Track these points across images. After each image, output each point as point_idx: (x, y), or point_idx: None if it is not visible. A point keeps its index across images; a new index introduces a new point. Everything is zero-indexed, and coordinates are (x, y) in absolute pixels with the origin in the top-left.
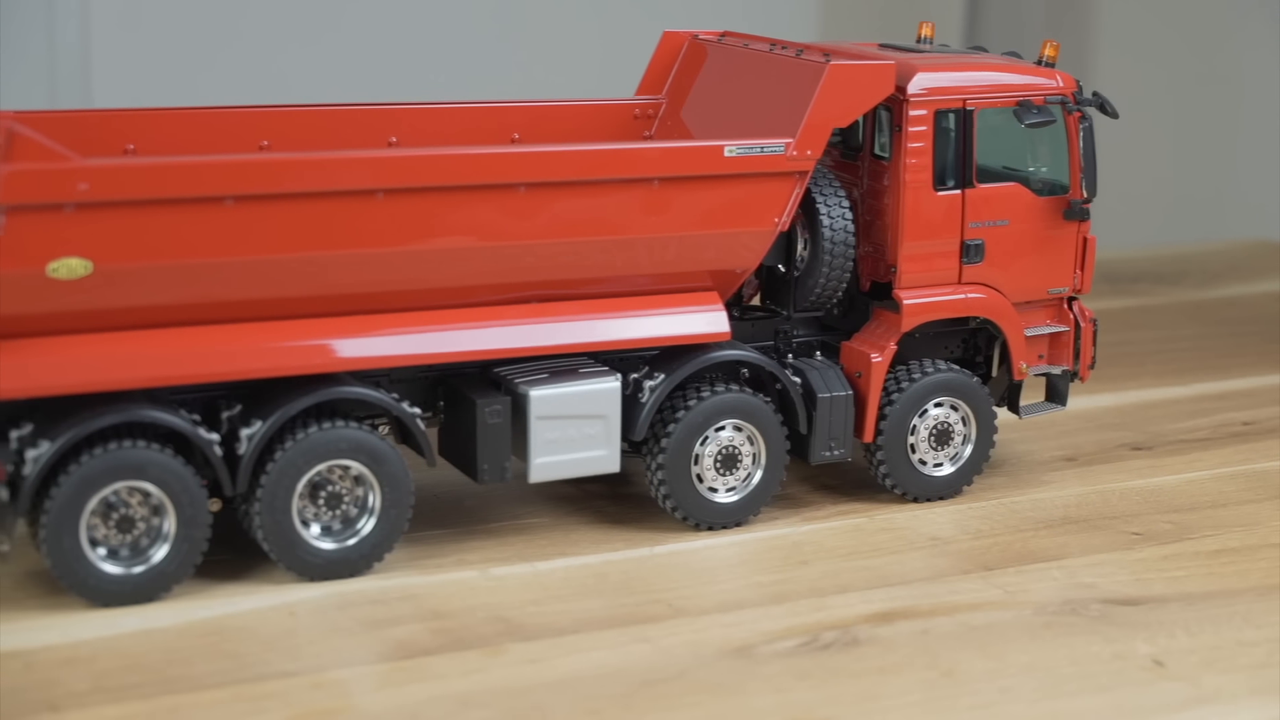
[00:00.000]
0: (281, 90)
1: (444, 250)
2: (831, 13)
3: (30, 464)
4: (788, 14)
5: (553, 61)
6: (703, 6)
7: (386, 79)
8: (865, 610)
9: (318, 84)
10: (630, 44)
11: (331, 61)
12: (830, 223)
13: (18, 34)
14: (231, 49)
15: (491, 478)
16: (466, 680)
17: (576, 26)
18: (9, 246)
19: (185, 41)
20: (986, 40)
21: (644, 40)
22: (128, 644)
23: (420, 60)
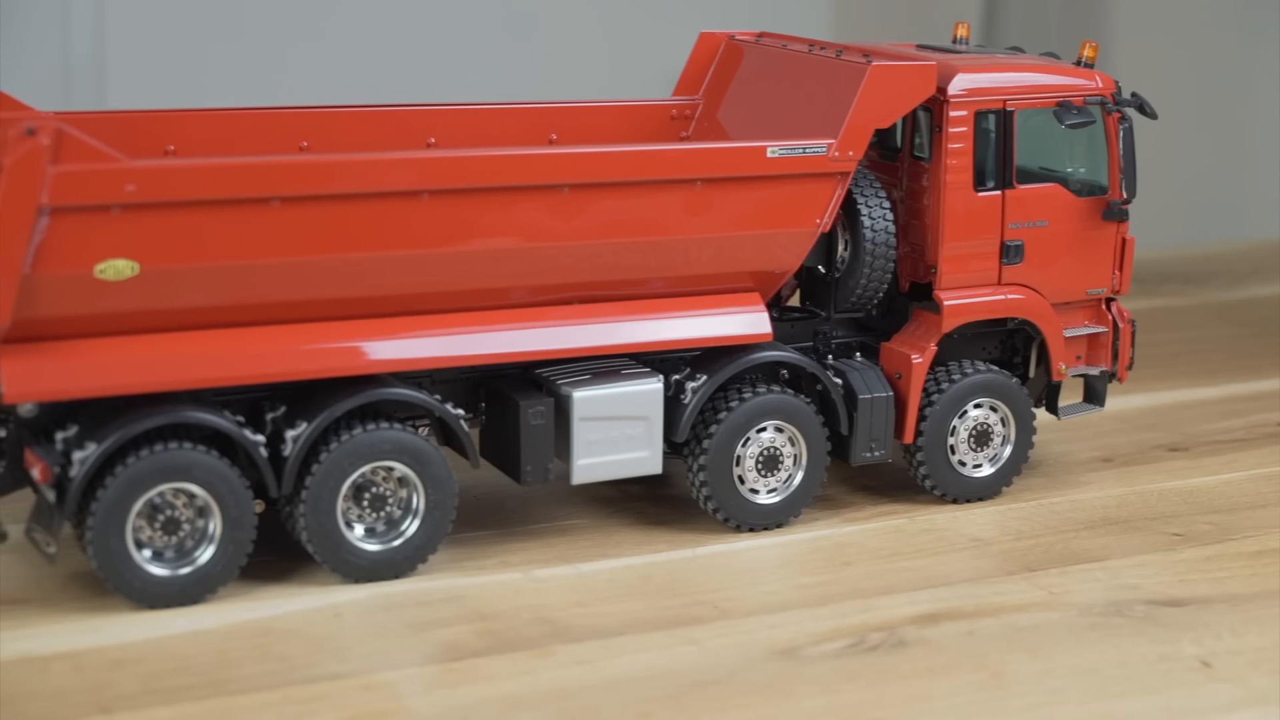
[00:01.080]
0: (289, 91)
1: (488, 251)
2: (843, 11)
3: (77, 465)
4: (798, 12)
5: (565, 62)
6: (712, 6)
7: (395, 80)
8: (911, 611)
9: (324, 84)
10: (638, 44)
11: (336, 61)
12: (871, 224)
13: (31, 33)
14: (241, 49)
15: (534, 479)
16: (516, 682)
17: (583, 27)
18: (57, 248)
19: (201, 41)
20: (1001, 39)
21: (650, 40)
22: (175, 646)
23: (431, 61)
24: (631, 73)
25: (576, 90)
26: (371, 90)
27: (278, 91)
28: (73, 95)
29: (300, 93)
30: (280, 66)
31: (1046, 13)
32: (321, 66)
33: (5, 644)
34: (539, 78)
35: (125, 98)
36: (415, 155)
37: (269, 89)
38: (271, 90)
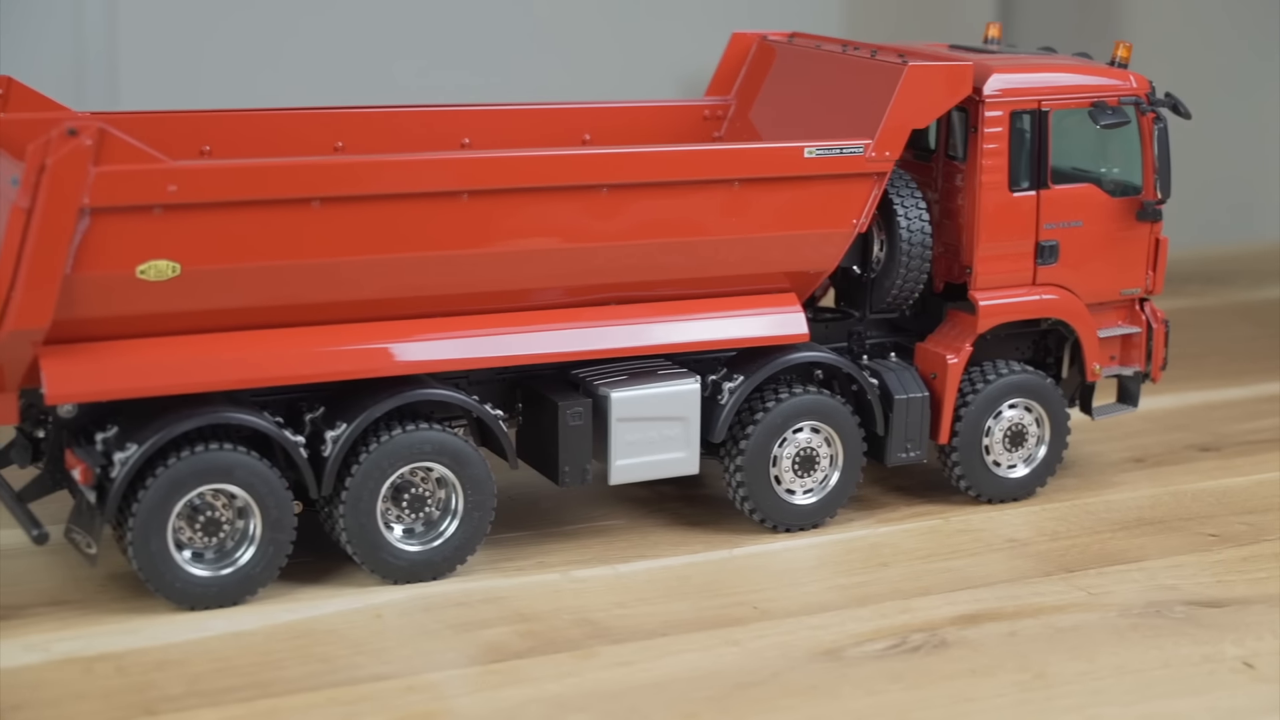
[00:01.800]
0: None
1: (527, 252)
2: (854, 9)
3: (117, 466)
4: (809, 11)
5: (575, 63)
6: (722, 6)
7: (403, 80)
8: (950, 612)
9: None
10: (649, 45)
11: (348, 61)
12: (908, 224)
13: (43, 33)
14: (256, 48)
15: (572, 480)
16: (560, 684)
17: (590, 28)
18: (98, 248)
19: (217, 40)
20: (1018, 38)
21: (662, 41)
22: (217, 647)
23: (443, 63)
24: (642, 74)
25: (587, 92)
26: (379, 91)
27: (291, 92)
28: (85, 95)
29: (312, 93)
30: (294, 67)
31: (1062, 12)
32: (334, 67)
33: (50, 645)
34: (549, 79)
35: (137, 97)
36: (456, 156)
37: (285, 89)
38: (284, 90)
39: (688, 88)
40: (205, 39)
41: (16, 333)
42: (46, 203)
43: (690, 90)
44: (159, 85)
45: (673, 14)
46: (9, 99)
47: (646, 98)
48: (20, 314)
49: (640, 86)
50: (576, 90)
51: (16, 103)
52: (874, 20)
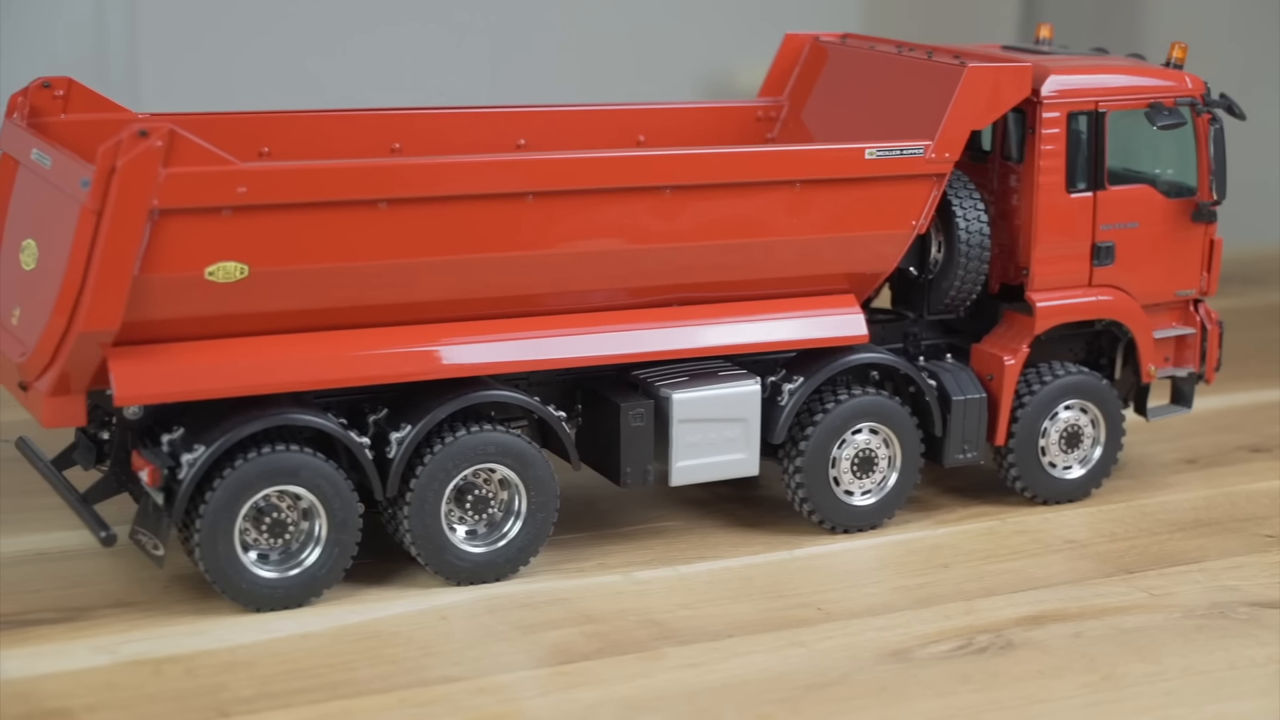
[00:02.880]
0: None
1: (590, 253)
2: (873, 9)
3: (185, 468)
4: (825, 11)
5: (590, 65)
6: (738, 6)
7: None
8: (1014, 613)
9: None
10: (664, 46)
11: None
12: (966, 225)
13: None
14: (267, 51)
15: (634, 481)
16: (630, 685)
17: (606, 30)
18: (167, 250)
19: (230, 42)
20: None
21: (675, 42)
22: (285, 649)
23: (457, 64)
24: (658, 74)
25: (600, 93)
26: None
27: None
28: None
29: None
30: (310, 67)
31: (1083, 10)
32: (349, 69)
33: (118, 647)
34: (563, 80)
35: (158, 99)
36: (522, 158)
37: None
38: (285, 91)
39: (704, 88)
40: (223, 36)
41: (86, 334)
42: (117, 205)
43: (707, 90)
44: (180, 83)
45: (687, 14)
46: (70, 100)
47: (663, 99)
48: (90, 316)
49: (656, 87)
50: (591, 92)
51: (77, 103)
52: (893, 19)
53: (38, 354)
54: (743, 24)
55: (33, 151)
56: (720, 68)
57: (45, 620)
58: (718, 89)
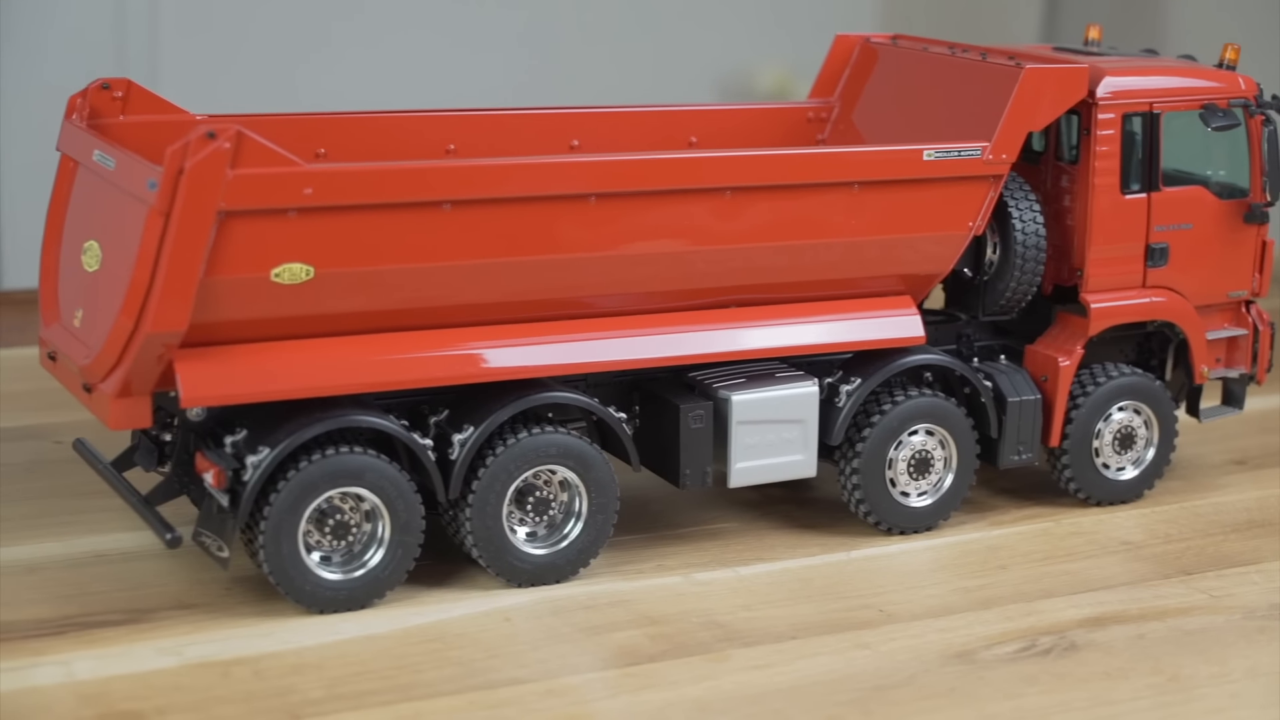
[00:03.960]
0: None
1: (651, 254)
2: (891, 9)
3: (250, 470)
4: (841, 11)
5: (607, 67)
6: (756, 7)
7: (438, 84)
8: (1076, 615)
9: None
10: (683, 47)
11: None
12: (1022, 226)
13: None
14: (283, 53)
15: (693, 483)
16: (698, 687)
17: (620, 33)
18: (233, 251)
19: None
20: (1060, 37)
21: (694, 43)
22: (351, 650)
23: (474, 67)
24: (678, 76)
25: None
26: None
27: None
28: None
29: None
30: (327, 68)
31: (1104, 9)
32: (372, 69)
33: (183, 649)
34: (580, 82)
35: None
36: (586, 159)
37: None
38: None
39: (722, 90)
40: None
41: (153, 336)
42: (184, 206)
43: (725, 92)
44: (199, 77)
45: (704, 16)
46: (128, 101)
47: (682, 100)
48: (157, 317)
49: (675, 90)
50: (608, 94)
51: (136, 105)
52: (911, 19)
53: (103, 356)
54: (760, 25)
55: (94, 153)
56: (738, 69)
57: (110, 622)
58: (736, 90)
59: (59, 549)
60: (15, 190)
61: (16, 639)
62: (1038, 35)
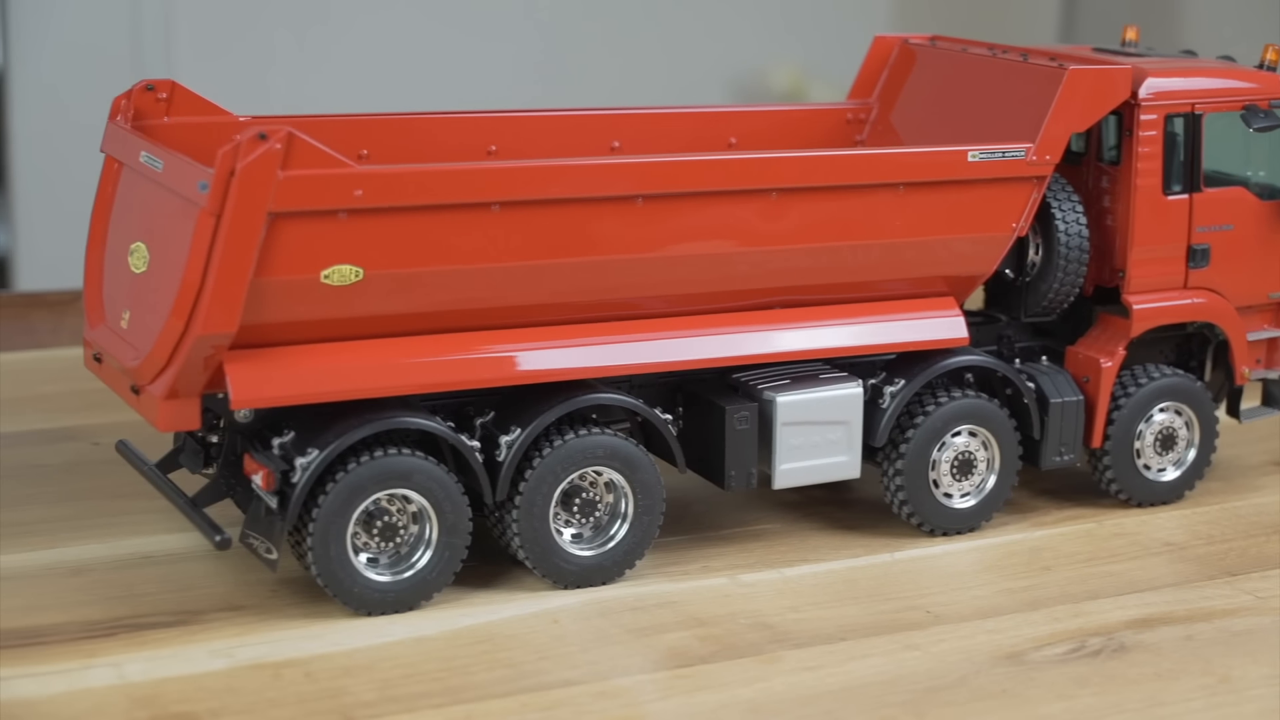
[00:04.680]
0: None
1: (698, 255)
2: (904, 10)
3: (299, 471)
4: (854, 11)
5: (623, 68)
6: (769, 7)
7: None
8: (1123, 616)
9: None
10: (695, 49)
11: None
12: (1065, 228)
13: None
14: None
15: (738, 484)
16: (750, 689)
17: (633, 34)
18: (284, 253)
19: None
20: (1079, 36)
21: (705, 45)
22: (401, 652)
23: (485, 67)
24: (689, 77)
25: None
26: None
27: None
28: None
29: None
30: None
31: (1122, 10)
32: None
33: (234, 651)
34: (597, 84)
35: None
36: (634, 160)
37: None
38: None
39: (736, 90)
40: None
41: (204, 337)
42: (236, 207)
43: (739, 92)
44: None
45: (717, 17)
46: (172, 102)
47: (698, 102)
48: (208, 319)
49: (689, 91)
50: (624, 96)
51: (180, 106)
52: (924, 20)
53: (153, 357)
54: (774, 26)
55: (141, 154)
56: (752, 70)
57: (160, 624)
58: (750, 91)
59: (104, 550)
60: (32, 194)
61: (67, 641)
62: (1055, 36)
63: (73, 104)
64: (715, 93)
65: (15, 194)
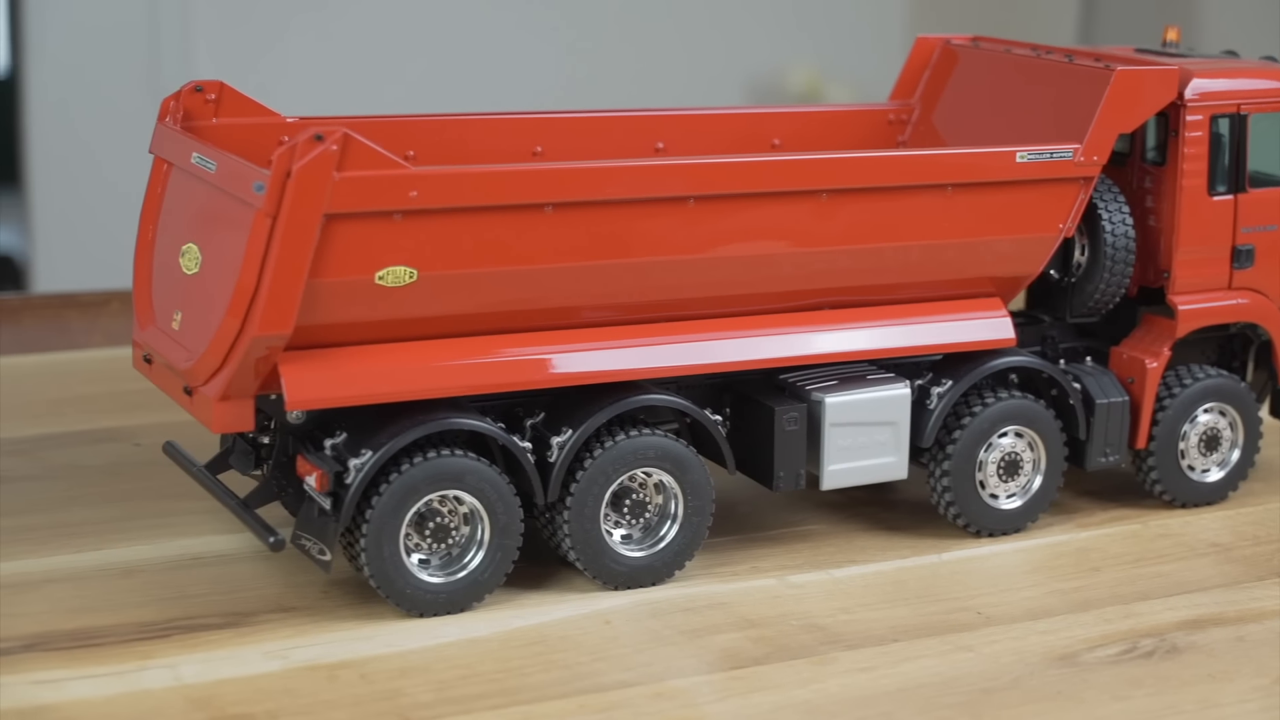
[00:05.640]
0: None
1: (748, 256)
2: (920, 10)
3: (352, 472)
4: (871, 11)
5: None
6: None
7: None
8: (1174, 617)
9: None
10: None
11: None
12: (1112, 228)
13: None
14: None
15: (787, 485)
16: (806, 690)
17: (651, 35)
18: (339, 254)
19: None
20: (1099, 37)
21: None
22: (455, 654)
23: (502, 68)
24: (710, 79)
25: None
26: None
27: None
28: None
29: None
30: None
31: (1142, 9)
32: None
33: (288, 652)
34: (616, 86)
35: None
36: (685, 161)
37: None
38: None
39: (754, 90)
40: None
41: (259, 339)
42: (291, 208)
43: (756, 93)
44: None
45: (735, 18)
46: (221, 104)
47: (716, 103)
48: (264, 320)
49: (708, 91)
50: (639, 96)
51: (228, 107)
52: (942, 19)
53: (207, 359)
54: (790, 27)
55: (193, 155)
56: (769, 71)
57: (212, 625)
58: (767, 92)
59: (152, 552)
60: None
61: (121, 642)
62: (1074, 37)
63: (88, 107)
64: (732, 94)
65: (32, 196)
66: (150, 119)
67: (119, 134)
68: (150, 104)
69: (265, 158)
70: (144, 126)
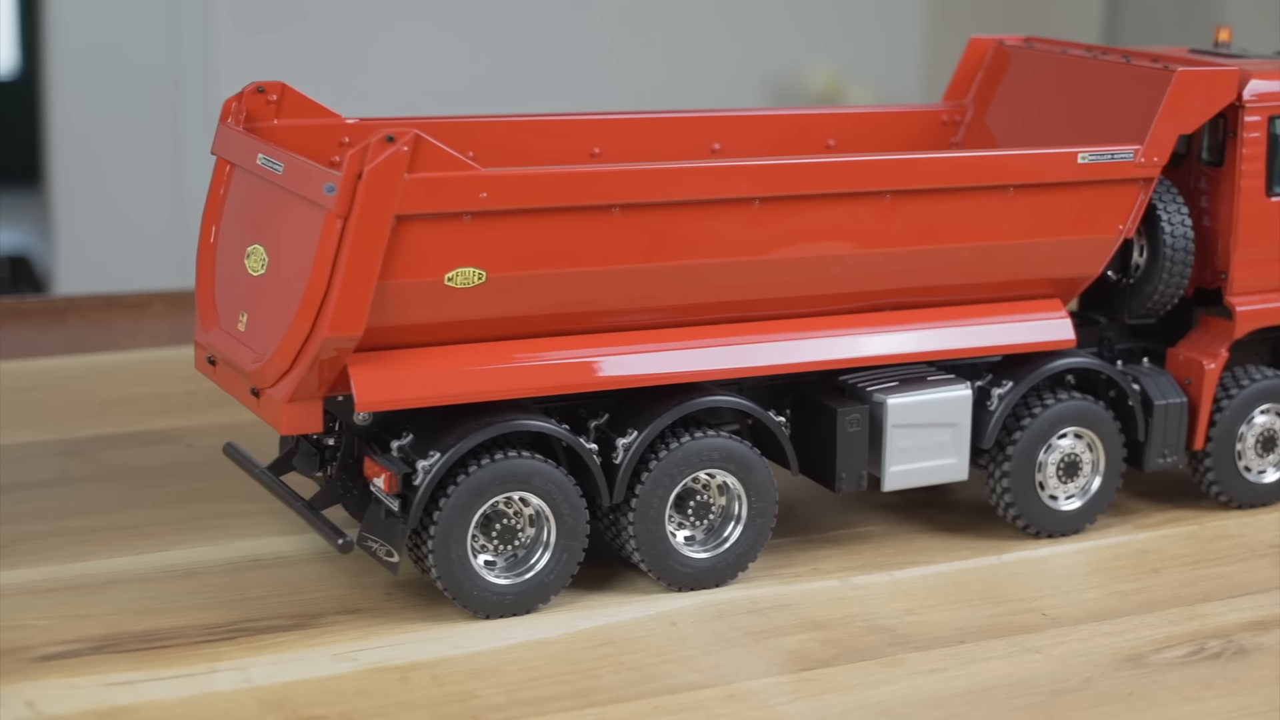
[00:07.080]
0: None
1: (811, 258)
2: (940, 10)
3: (420, 474)
4: (889, 11)
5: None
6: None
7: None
8: (1238, 619)
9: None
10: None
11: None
12: (1171, 229)
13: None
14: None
15: (849, 487)
16: (876, 691)
17: (670, 35)
18: (409, 255)
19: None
20: (1122, 37)
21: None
22: (525, 655)
23: (522, 68)
24: (729, 79)
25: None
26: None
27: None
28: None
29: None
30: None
31: (1165, 9)
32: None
33: (357, 654)
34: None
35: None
36: (751, 163)
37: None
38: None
39: (772, 90)
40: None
41: (330, 340)
42: (363, 210)
43: (776, 94)
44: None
45: (753, 18)
46: (282, 105)
47: (734, 103)
48: (335, 321)
49: (726, 92)
50: (660, 96)
51: (289, 109)
52: (961, 22)
53: (275, 360)
54: (808, 28)
55: (259, 156)
56: (789, 70)
57: (279, 627)
58: (787, 92)
59: (213, 553)
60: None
61: (189, 644)
62: (1099, 36)
63: (111, 109)
64: (752, 94)
65: (55, 199)
66: (170, 120)
67: (140, 136)
68: (168, 106)
69: (326, 159)
70: (163, 128)
